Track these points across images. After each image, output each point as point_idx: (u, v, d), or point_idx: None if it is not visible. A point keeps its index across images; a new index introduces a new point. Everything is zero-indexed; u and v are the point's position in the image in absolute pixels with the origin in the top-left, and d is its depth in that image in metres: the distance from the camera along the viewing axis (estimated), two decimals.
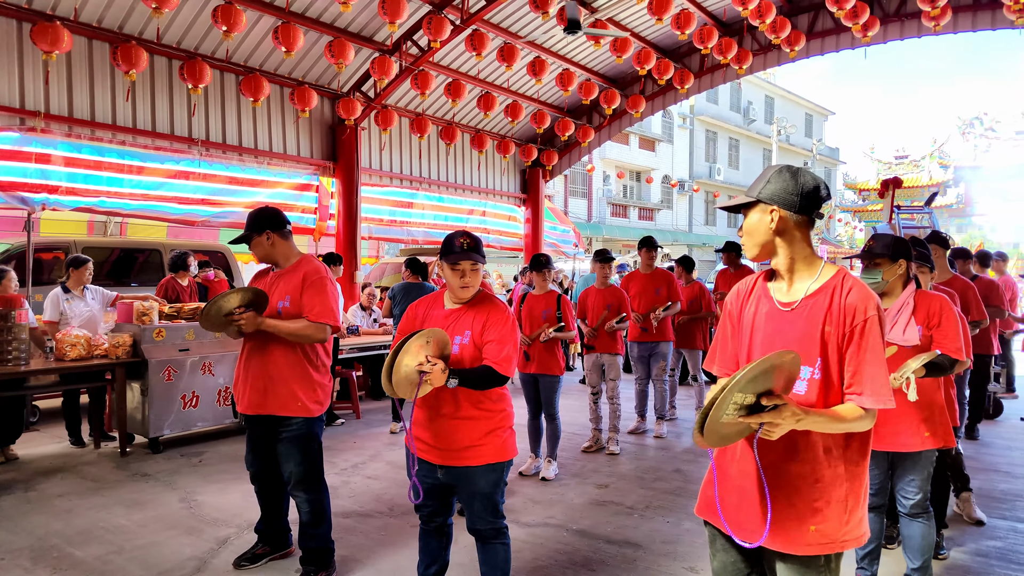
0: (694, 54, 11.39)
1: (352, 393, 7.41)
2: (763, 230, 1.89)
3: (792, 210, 1.85)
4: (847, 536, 1.84)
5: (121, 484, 4.90)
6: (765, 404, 1.65)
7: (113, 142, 7.78)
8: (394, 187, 11.31)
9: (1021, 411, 7.51)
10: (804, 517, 1.81)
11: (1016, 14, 8.54)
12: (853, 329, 1.80)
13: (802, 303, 1.87)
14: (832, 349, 1.82)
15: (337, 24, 8.63)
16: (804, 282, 1.89)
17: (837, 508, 1.82)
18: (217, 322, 3.23)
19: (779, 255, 1.90)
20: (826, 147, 44.96)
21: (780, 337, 1.87)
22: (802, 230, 1.88)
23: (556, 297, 5.27)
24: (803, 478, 1.82)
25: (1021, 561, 3.66)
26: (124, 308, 5.96)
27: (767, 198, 1.87)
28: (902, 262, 3.04)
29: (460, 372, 2.53)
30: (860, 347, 1.79)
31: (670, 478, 5.16)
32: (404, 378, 2.44)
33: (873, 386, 1.78)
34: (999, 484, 5.02)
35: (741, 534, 1.89)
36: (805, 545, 1.82)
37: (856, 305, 1.80)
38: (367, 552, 3.74)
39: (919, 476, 3.04)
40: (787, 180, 1.86)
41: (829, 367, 1.82)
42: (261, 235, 3.34)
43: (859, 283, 1.85)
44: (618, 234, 28.63)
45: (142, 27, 7.61)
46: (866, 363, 1.79)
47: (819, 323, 1.83)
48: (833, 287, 1.85)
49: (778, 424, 1.65)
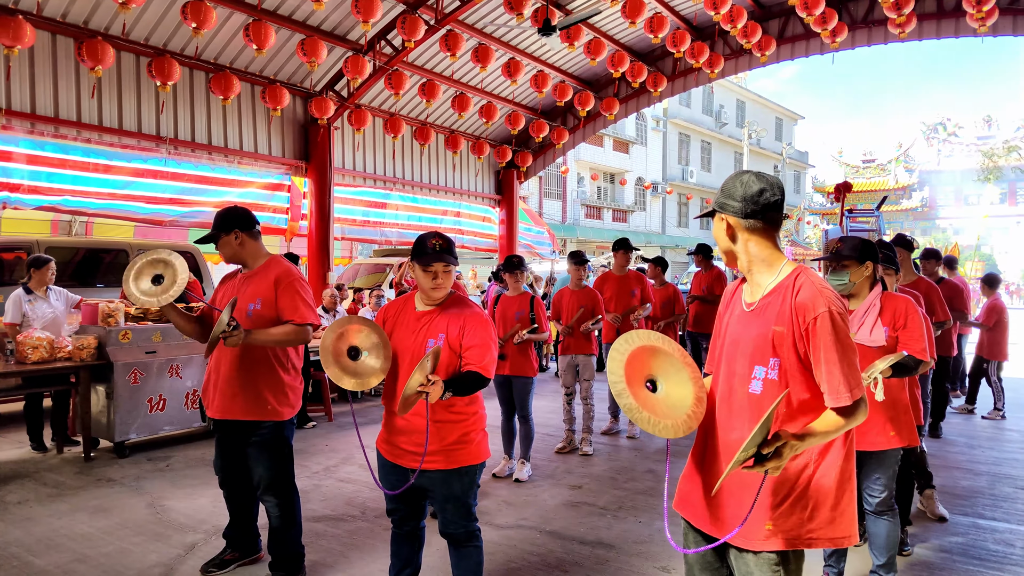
0: (667, 58, 11.50)
1: (324, 395, 7.33)
2: (721, 237, 1.97)
3: (739, 215, 1.89)
4: (813, 534, 1.84)
5: (85, 490, 4.78)
6: (765, 453, 1.69)
7: (78, 139, 7.61)
8: (367, 187, 11.24)
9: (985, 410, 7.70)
10: (759, 513, 1.82)
11: (978, 23, 8.77)
12: (806, 329, 1.80)
13: (759, 303, 1.91)
14: (786, 348, 1.82)
15: (309, 22, 8.54)
16: (763, 283, 1.93)
17: (798, 505, 1.83)
18: (214, 346, 3.12)
19: (739, 259, 1.96)
20: (795, 151, 45.74)
21: (741, 338, 1.93)
22: (754, 233, 1.90)
23: (530, 299, 5.28)
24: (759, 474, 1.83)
25: (982, 556, 3.75)
26: (89, 309, 5.82)
27: (718, 207, 1.95)
28: (869, 264, 3.09)
29: (451, 383, 2.51)
30: (815, 347, 1.79)
31: (643, 478, 5.19)
32: (405, 399, 2.44)
33: (830, 383, 1.77)
34: (961, 481, 5.14)
35: (703, 525, 1.95)
36: (760, 541, 1.83)
37: (805, 304, 1.80)
38: (338, 557, 3.70)
39: (884, 475, 3.10)
40: (732, 187, 1.91)
41: (784, 366, 1.84)
42: (229, 234, 3.27)
43: (810, 282, 1.84)
44: (592, 236, 28.77)
45: (108, 22, 7.46)
46: (822, 362, 1.78)
47: (771, 323, 1.86)
48: (786, 287, 1.86)
49: (784, 460, 1.72)
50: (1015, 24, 9.27)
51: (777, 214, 1.90)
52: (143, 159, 8.21)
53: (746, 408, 1.87)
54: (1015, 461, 5.71)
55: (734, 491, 1.86)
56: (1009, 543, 3.94)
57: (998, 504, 4.62)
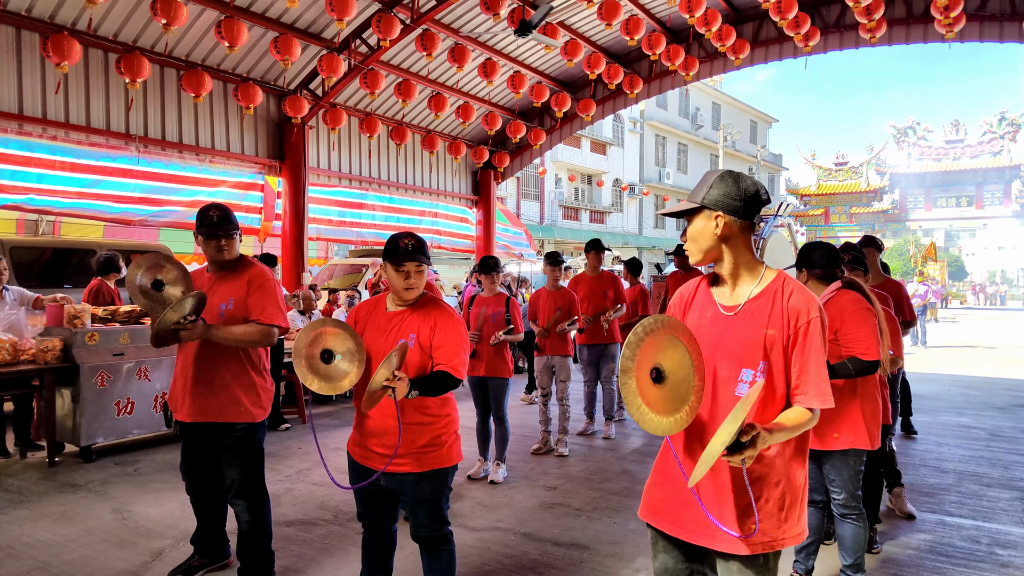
0: (643, 60, 11.56)
1: (298, 397, 7.25)
2: (708, 236, 1.90)
3: (736, 215, 1.87)
4: (785, 535, 1.87)
5: (48, 496, 4.66)
6: (744, 441, 1.67)
7: (43, 137, 7.44)
8: (343, 187, 11.13)
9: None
10: (745, 516, 1.84)
11: (946, 29, 8.95)
12: (797, 331, 1.83)
13: (745, 307, 1.89)
14: (776, 351, 1.85)
15: (283, 20, 8.44)
16: (747, 286, 1.92)
17: (775, 507, 1.85)
18: (166, 335, 3.05)
19: (724, 260, 1.92)
20: (770, 153, 46.35)
21: (724, 341, 1.89)
22: (745, 235, 1.91)
23: (505, 299, 5.26)
24: (742, 477, 1.84)
25: (949, 553, 3.81)
26: (54, 311, 5.68)
27: (711, 204, 1.88)
28: (804, 272, 3.21)
29: (418, 382, 2.49)
30: (804, 349, 1.83)
31: (617, 479, 5.20)
32: (368, 396, 2.41)
33: (817, 387, 1.82)
34: (928, 479, 5.23)
35: (686, 534, 1.91)
36: (746, 545, 1.84)
37: (799, 308, 1.84)
38: (309, 561, 3.65)
39: (839, 476, 3.10)
40: (730, 185, 1.88)
41: (772, 369, 1.85)
42: (239, 231, 3.26)
43: (800, 286, 1.89)
44: (570, 236, 28.84)
45: (75, 18, 7.29)
46: (810, 364, 1.82)
47: (762, 326, 1.85)
48: (775, 291, 1.88)
49: (757, 451, 1.69)
50: (982, 30, 9.47)
51: (761, 218, 1.93)
52: (112, 157, 8.04)
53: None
54: (981, 459, 5.82)
55: (716, 497, 1.86)
56: (975, 540, 4.01)
57: (964, 501, 4.71)
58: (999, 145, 40.73)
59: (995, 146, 40.86)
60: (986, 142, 41.16)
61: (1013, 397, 8.91)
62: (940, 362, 12.82)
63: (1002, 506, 4.61)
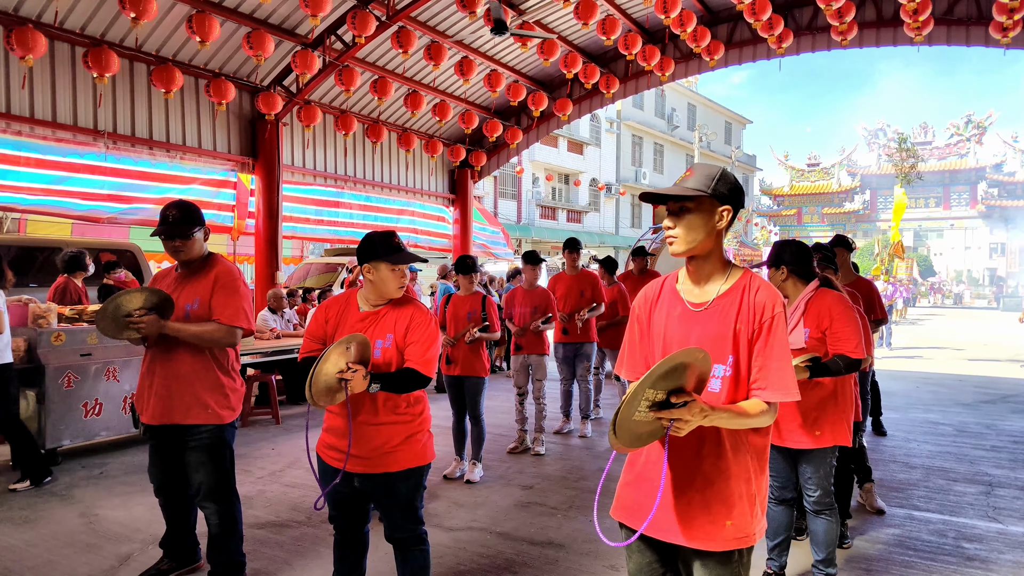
0: (619, 60, 11.61)
1: (271, 398, 7.16)
2: (709, 228, 1.87)
3: (734, 211, 1.90)
4: (756, 529, 1.88)
5: (11, 499, 4.54)
6: (675, 402, 1.65)
7: (7, 132, 7.24)
8: (318, 185, 11.01)
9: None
10: (719, 513, 1.84)
11: (915, 32, 9.12)
12: (761, 325, 1.85)
13: (714, 303, 1.90)
14: (743, 346, 1.86)
15: (256, 15, 8.32)
16: (716, 283, 1.92)
17: (748, 503, 1.86)
18: (115, 324, 2.99)
19: (712, 254, 1.91)
20: (744, 154, 46.91)
21: (693, 337, 1.89)
22: (725, 232, 1.93)
23: (481, 298, 5.24)
24: (716, 474, 1.85)
25: (916, 547, 3.88)
26: (18, 310, 5.53)
27: (721, 197, 1.86)
28: (784, 268, 3.23)
29: (381, 376, 2.47)
30: (767, 343, 1.84)
31: (594, 477, 5.21)
32: (324, 387, 2.36)
33: (779, 381, 1.82)
34: (897, 474, 5.32)
35: (659, 533, 1.90)
36: (723, 541, 1.84)
37: (764, 303, 1.86)
38: (281, 564, 3.60)
39: (816, 474, 3.14)
40: (733, 182, 1.89)
41: (740, 364, 1.86)
42: (202, 230, 3.16)
43: (766, 283, 1.91)
44: (547, 236, 28.90)
45: (40, 10, 7.11)
46: (772, 358, 1.83)
47: (731, 322, 1.86)
48: (743, 286, 1.89)
49: (687, 420, 1.66)
50: (949, 34, 9.66)
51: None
52: (79, 153, 7.85)
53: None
54: (948, 454, 5.94)
55: (691, 493, 1.86)
56: (942, 533, 4.08)
57: (932, 496, 4.80)
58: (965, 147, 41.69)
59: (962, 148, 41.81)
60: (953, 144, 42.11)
61: (979, 394, 9.12)
62: (908, 360, 13.07)
63: (968, 500, 4.70)
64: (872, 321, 4.83)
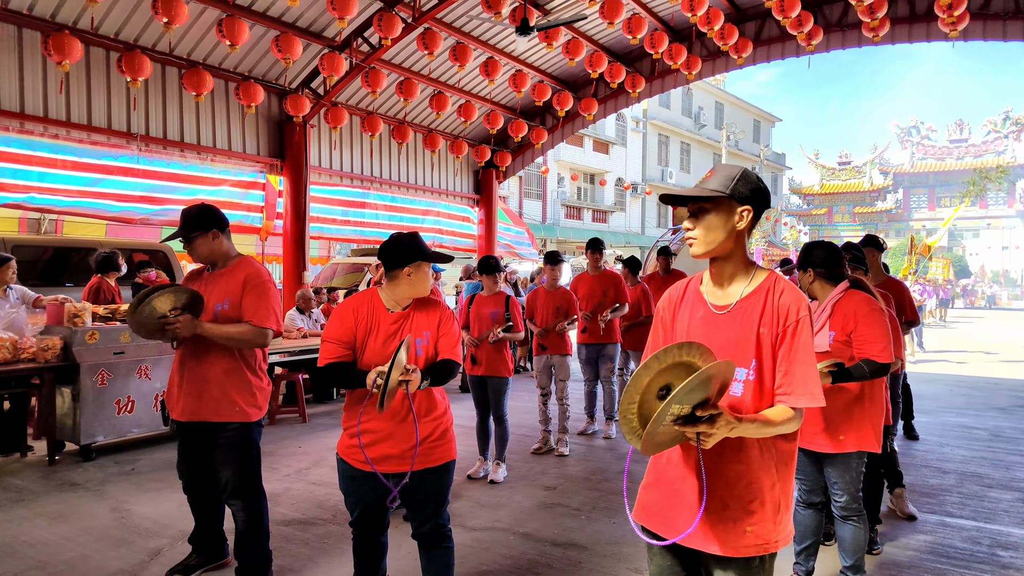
0: (645, 58, 11.52)
1: (299, 397, 7.24)
2: (729, 228, 1.85)
3: (756, 211, 1.87)
4: (779, 536, 1.85)
5: (47, 494, 4.66)
6: (700, 415, 1.63)
7: (45, 135, 7.44)
8: (345, 186, 11.12)
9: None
10: (740, 519, 1.82)
11: (949, 27, 8.90)
12: (785, 329, 1.81)
13: (737, 305, 1.87)
14: (766, 350, 1.83)
15: (284, 19, 8.43)
16: (739, 285, 1.90)
17: (771, 509, 1.83)
18: (149, 326, 3.05)
19: (733, 255, 1.89)
20: (773, 153, 46.27)
21: (716, 340, 1.86)
22: (748, 233, 1.90)
23: (504, 298, 5.25)
24: (739, 479, 1.83)
25: (949, 555, 3.79)
26: (54, 309, 5.68)
27: (741, 198, 1.84)
28: (810, 271, 3.19)
29: (429, 371, 2.61)
30: (791, 347, 1.81)
31: (617, 479, 5.19)
32: (391, 391, 2.40)
33: (804, 386, 1.79)
34: (929, 479, 5.21)
35: (677, 536, 1.88)
36: (743, 547, 1.82)
37: (789, 306, 1.82)
38: (306, 561, 3.64)
39: (841, 479, 3.08)
40: (755, 183, 1.86)
41: (763, 368, 1.83)
42: (207, 234, 3.19)
43: (791, 285, 1.88)
44: (572, 236, 28.83)
45: (76, 17, 7.29)
46: (797, 363, 1.80)
47: (754, 325, 1.83)
48: (767, 289, 1.86)
49: (712, 434, 1.64)
50: (985, 29, 9.41)
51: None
52: (113, 156, 8.04)
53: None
54: (982, 459, 5.79)
55: (713, 498, 1.83)
56: (976, 541, 3.98)
57: (965, 502, 4.68)
58: (1003, 144, 40.57)
59: (999, 145, 40.71)
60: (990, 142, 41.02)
61: (1014, 398, 8.88)
62: (941, 363, 12.78)
63: (1003, 507, 4.58)
64: (903, 323, 4.73)
